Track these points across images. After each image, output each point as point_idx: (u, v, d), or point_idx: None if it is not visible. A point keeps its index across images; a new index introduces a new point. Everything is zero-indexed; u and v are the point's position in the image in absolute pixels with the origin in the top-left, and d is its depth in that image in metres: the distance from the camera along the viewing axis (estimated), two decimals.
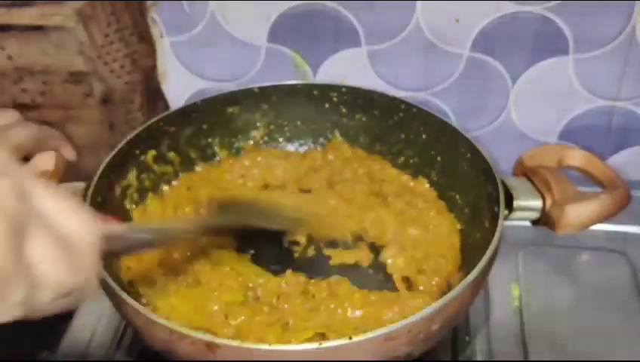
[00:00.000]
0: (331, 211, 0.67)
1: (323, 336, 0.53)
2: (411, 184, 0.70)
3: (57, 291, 0.32)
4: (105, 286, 0.50)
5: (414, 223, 0.65)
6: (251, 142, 0.75)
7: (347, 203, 0.68)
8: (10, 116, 0.63)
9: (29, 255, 0.30)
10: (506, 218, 0.56)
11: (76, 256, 0.33)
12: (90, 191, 0.57)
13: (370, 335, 0.45)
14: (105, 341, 0.62)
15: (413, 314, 0.47)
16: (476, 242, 0.60)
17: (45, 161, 0.60)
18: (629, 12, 0.70)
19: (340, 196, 0.69)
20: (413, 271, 0.62)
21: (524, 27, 0.72)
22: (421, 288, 0.60)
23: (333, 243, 0.66)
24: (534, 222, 0.59)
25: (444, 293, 0.51)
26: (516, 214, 0.58)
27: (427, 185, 0.70)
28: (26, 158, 0.61)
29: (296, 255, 0.65)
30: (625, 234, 0.73)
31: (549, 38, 0.72)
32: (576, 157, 0.62)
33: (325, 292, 0.58)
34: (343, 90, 0.72)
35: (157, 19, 0.78)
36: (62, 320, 0.64)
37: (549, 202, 0.57)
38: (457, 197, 0.66)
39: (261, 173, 0.74)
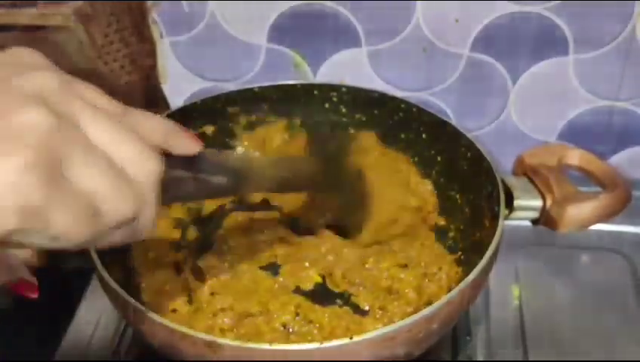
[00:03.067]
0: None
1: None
2: (413, 203, 0.68)
3: (116, 219, 0.31)
4: (105, 286, 0.50)
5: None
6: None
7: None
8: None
9: (78, 184, 0.30)
10: (506, 217, 0.56)
11: (133, 186, 0.32)
12: None
13: (370, 335, 0.45)
14: (105, 341, 0.62)
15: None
16: (476, 242, 0.60)
17: None
18: (629, 12, 0.70)
19: None
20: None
21: (524, 27, 0.72)
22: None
23: None
24: (534, 222, 0.59)
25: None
26: (516, 214, 0.58)
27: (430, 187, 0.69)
28: None
29: None
30: (625, 234, 0.73)
31: (549, 38, 0.72)
32: (576, 156, 0.62)
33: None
34: (343, 90, 0.72)
35: (157, 19, 0.78)
36: (62, 319, 0.64)
37: (549, 202, 0.57)
38: (457, 196, 0.66)
39: None
